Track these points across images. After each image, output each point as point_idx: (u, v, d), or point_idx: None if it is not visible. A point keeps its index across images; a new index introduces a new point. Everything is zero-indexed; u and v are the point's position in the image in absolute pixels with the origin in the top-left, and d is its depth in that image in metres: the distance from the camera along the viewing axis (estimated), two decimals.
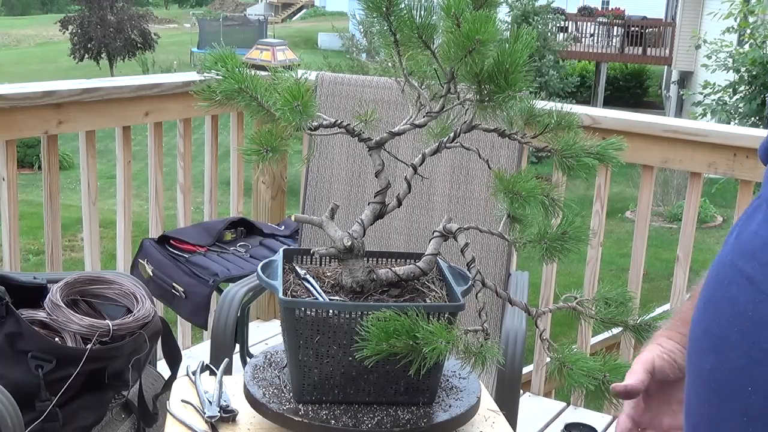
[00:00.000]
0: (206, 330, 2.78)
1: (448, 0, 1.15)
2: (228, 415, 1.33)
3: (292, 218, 1.41)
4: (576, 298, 1.24)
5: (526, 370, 2.90)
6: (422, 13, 1.21)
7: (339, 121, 1.27)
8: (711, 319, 0.78)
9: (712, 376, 0.77)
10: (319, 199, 2.41)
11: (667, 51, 21.69)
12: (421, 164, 1.31)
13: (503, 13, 16.39)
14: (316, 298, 1.27)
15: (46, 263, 2.69)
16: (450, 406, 1.29)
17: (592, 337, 3.20)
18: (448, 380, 1.35)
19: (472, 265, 1.22)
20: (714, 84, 10.07)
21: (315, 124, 1.25)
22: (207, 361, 1.52)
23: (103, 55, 22.65)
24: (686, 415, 0.82)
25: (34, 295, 1.85)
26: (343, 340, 1.21)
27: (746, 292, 0.74)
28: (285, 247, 1.58)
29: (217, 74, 1.24)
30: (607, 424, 2.81)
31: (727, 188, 9.99)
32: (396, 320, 1.10)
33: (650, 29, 22.30)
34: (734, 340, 0.74)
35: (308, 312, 1.21)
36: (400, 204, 1.33)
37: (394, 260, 1.40)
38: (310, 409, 1.25)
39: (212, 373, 1.46)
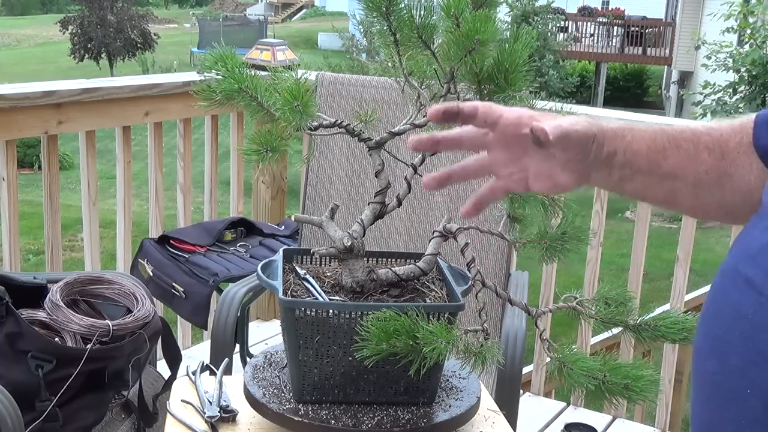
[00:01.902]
0: (206, 330, 2.78)
1: (448, 0, 1.15)
2: (228, 415, 1.33)
3: (292, 218, 1.41)
4: (576, 298, 1.24)
5: (526, 370, 2.91)
6: (422, 13, 1.21)
7: (339, 121, 1.27)
8: (713, 323, 0.78)
9: (712, 380, 0.77)
10: (319, 199, 2.41)
11: (667, 51, 21.69)
12: (421, 164, 1.31)
13: (503, 13, 16.40)
14: (316, 298, 1.27)
15: (46, 263, 2.69)
16: (450, 406, 1.29)
17: (592, 337, 3.20)
18: (448, 380, 1.35)
19: (472, 265, 1.22)
20: (714, 84, 10.07)
21: (315, 124, 1.25)
22: (207, 361, 1.52)
23: (103, 55, 22.65)
24: (692, 419, 0.82)
25: (34, 295, 1.85)
26: (343, 340, 1.21)
27: (747, 296, 0.74)
28: (285, 247, 1.58)
29: (217, 74, 1.24)
30: (607, 424, 2.81)
31: None
32: (396, 320, 1.10)
33: (650, 29, 22.31)
34: (734, 343, 0.74)
35: (308, 312, 1.21)
36: (400, 204, 1.33)
37: (394, 260, 1.40)
38: (310, 409, 1.25)
39: (212, 373, 1.46)
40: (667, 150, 0.92)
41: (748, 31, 9.78)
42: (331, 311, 1.21)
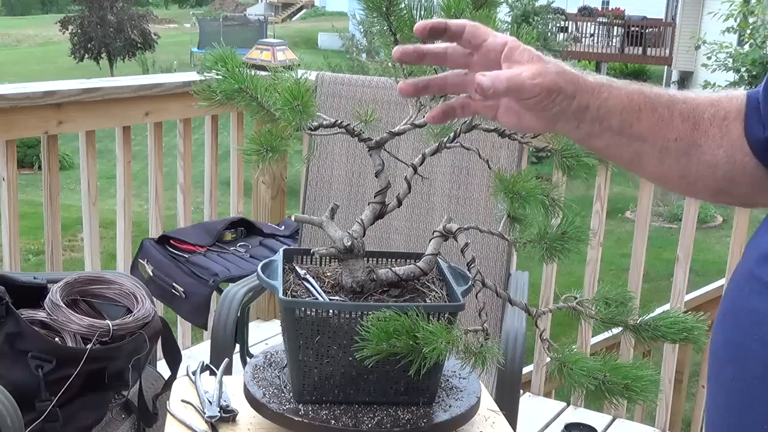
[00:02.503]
0: (206, 330, 2.78)
1: (448, 0, 1.15)
2: (228, 415, 1.33)
3: (292, 218, 1.41)
4: (576, 298, 1.24)
5: (526, 370, 2.90)
6: (422, 13, 1.21)
7: (339, 121, 1.27)
8: (731, 328, 0.78)
9: (732, 386, 0.76)
10: (319, 199, 2.41)
11: (667, 51, 21.69)
12: (421, 164, 1.31)
13: (503, 13, 16.39)
14: (316, 298, 1.27)
15: (46, 263, 2.69)
16: (450, 406, 1.29)
17: (592, 337, 3.20)
18: (448, 380, 1.35)
19: (472, 265, 1.22)
20: (714, 84, 10.08)
21: (315, 124, 1.25)
22: (207, 361, 1.52)
23: (103, 55, 22.64)
24: (707, 426, 0.81)
25: (34, 295, 1.85)
26: (343, 340, 1.21)
27: (766, 300, 0.73)
28: (285, 247, 1.58)
29: (217, 74, 1.24)
30: (607, 424, 2.81)
31: None
32: (396, 320, 1.10)
33: (650, 29, 22.30)
34: (755, 348, 0.73)
35: (308, 312, 1.21)
36: (400, 204, 1.33)
37: (394, 260, 1.40)
38: (310, 409, 1.25)
39: (212, 373, 1.46)
40: (642, 111, 0.91)
41: (748, 31, 9.79)
42: (331, 311, 1.21)
